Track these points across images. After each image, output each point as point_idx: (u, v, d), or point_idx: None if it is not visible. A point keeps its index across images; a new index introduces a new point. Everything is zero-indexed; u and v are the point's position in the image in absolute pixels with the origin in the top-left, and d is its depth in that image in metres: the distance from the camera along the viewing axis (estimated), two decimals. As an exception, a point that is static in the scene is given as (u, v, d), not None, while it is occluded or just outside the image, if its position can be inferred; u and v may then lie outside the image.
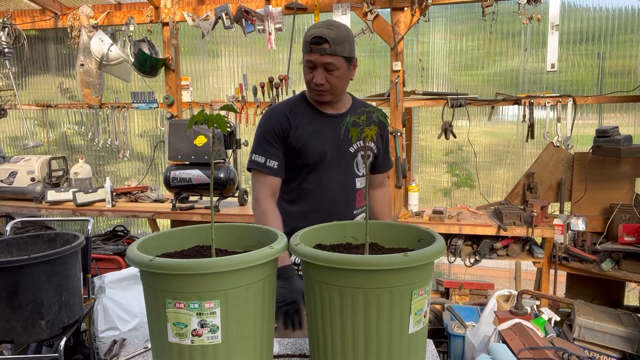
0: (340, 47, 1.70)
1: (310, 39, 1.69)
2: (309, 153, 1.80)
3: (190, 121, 1.01)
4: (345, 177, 1.87)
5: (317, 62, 1.71)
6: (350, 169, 1.87)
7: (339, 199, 1.86)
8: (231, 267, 0.97)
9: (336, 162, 1.83)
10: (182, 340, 0.99)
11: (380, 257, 1.01)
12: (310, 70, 1.74)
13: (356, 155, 1.87)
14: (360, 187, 1.90)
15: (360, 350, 1.03)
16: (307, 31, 1.73)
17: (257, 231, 1.26)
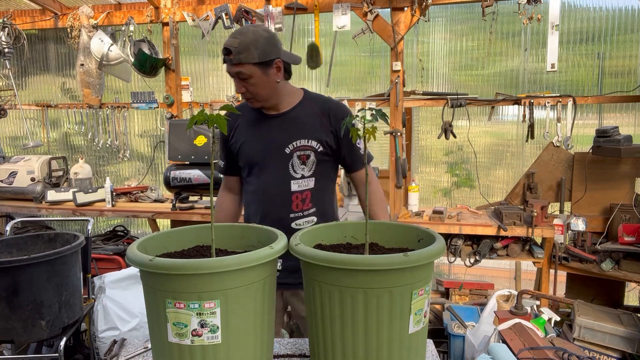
0: (244, 54, 1.66)
1: (222, 51, 1.70)
2: (245, 155, 1.84)
3: (190, 121, 1.01)
4: (279, 179, 1.80)
5: (230, 73, 1.73)
6: (285, 170, 1.80)
7: (273, 202, 1.81)
8: (231, 267, 0.97)
9: (271, 163, 1.80)
10: (182, 340, 0.99)
11: (380, 257, 1.01)
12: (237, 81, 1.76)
13: (292, 156, 1.79)
14: (298, 190, 1.80)
15: (360, 350, 1.03)
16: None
17: (257, 231, 1.26)
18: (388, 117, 1.48)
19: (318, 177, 1.83)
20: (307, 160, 1.79)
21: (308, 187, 1.81)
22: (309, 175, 1.81)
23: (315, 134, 1.79)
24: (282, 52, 1.76)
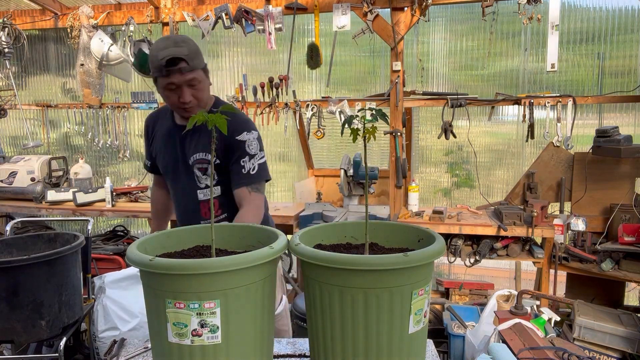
0: (196, 60, 1.70)
1: (164, 62, 1.63)
2: (160, 163, 1.95)
3: (190, 121, 1.01)
4: (188, 188, 1.88)
5: (179, 82, 1.67)
6: (191, 180, 1.86)
7: (185, 209, 1.95)
8: (231, 267, 0.97)
9: (181, 172, 1.88)
10: (182, 340, 0.99)
11: (380, 257, 1.01)
12: (172, 92, 1.70)
13: (194, 166, 1.83)
14: (204, 199, 1.86)
15: (360, 350, 1.03)
16: (156, 54, 1.65)
17: (257, 231, 1.26)
18: (388, 117, 1.48)
19: (225, 186, 1.83)
20: (207, 172, 1.83)
21: (216, 195, 1.86)
22: (216, 184, 1.84)
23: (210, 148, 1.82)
24: None
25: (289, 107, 3.62)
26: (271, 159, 4.50)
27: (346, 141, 4.24)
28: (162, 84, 1.70)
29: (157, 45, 1.69)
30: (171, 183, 1.96)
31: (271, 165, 4.51)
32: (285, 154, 4.46)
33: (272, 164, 4.51)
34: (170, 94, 1.71)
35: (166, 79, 1.67)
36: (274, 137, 4.40)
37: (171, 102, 1.74)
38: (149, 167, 2.08)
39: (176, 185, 1.94)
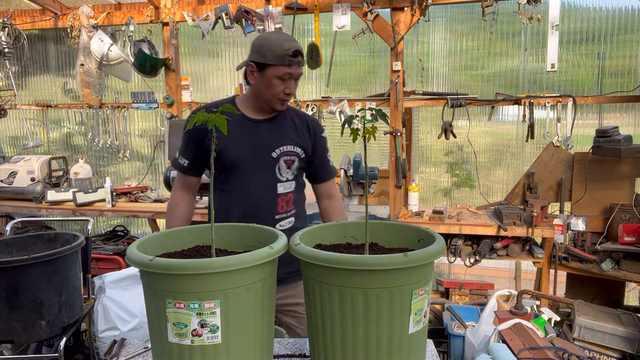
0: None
1: (291, 52, 1.72)
2: (227, 157, 1.84)
3: (190, 121, 1.01)
4: (265, 181, 1.87)
5: (294, 74, 1.77)
6: (271, 173, 1.87)
7: (259, 203, 1.87)
8: (231, 267, 0.97)
9: (256, 166, 1.85)
10: (182, 340, 0.99)
11: (380, 257, 1.01)
12: (282, 82, 1.76)
13: (278, 160, 1.86)
14: (283, 193, 1.89)
15: (360, 350, 1.03)
16: (279, 44, 1.73)
17: (257, 231, 1.26)
18: (388, 117, 1.48)
19: (298, 181, 1.94)
20: (292, 165, 1.88)
21: (291, 190, 1.91)
22: (292, 179, 1.91)
23: (299, 142, 1.90)
24: None
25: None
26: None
27: (346, 141, 4.24)
28: (278, 73, 1.74)
29: (276, 36, 1.78)
30: (240, 177, 1.87)
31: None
32: (285, 154, 4.45)
33: (272, 164, 4.51)
34: (280, 83, 1.77)
35: (286, 69, 1.74)
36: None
37: (275, 91, 1.79)
38: (186, 166, 1.90)
39: (248, 178, 1.86)
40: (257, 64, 1.77)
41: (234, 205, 1.87)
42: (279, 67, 1.74)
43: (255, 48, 1.77)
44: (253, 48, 1.79)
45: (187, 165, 1.90)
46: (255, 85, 1.82)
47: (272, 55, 1.73)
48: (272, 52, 1.73)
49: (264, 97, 1.82)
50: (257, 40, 1.79)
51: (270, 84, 1.77)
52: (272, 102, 1.83)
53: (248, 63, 1.81)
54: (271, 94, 1.80)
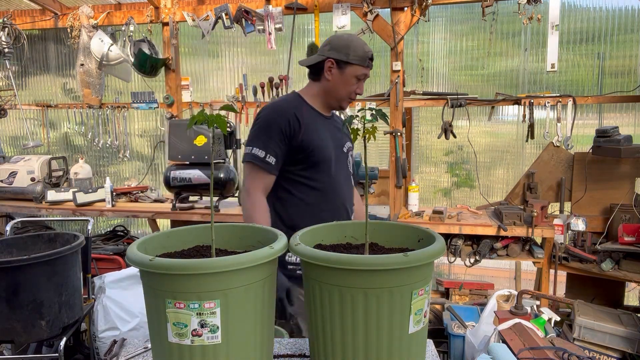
0: None
1: (370, 55, 1.85)
2: (320, 153, 1.84)
3: (190, 121, 1.01)
4: (347, 176, 1.96)
5: (367, 76, 1.90)
6: (347, 167, 1.97)
7: (344, 197, 1.93)
8: (231, 267, 0.97)
9: (339, 161, 1.91)
10: (182, 340, 0.99)
11: (380, 257, 1.01)
12: (358, 82, 1.87)
13: (347, 155, 1.98)
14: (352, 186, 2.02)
15: (360, 350, 1.03)
16: (361, 46, 1.84)
17: (257, 231, 1.26)
18: (388, 117, 1.49)
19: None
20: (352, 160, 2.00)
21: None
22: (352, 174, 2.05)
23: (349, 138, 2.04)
24: None
25: (289, 107, 3.61)
26: (271, 159, 4.49)
27: (346, 141, 4.23)
28: (357, 72, 1.84)
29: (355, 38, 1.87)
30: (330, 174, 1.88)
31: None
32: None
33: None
34: (355, 83, 1.87)
35: (365, 70, 1.85)
36: (274, 137, 4.40)
37: (348, 90, 1.88)
38: (273, 165, 1.81)
39: (337, 175, 1.90)
40: (337, 61, 1.83)
41: (326, 201, 1.87)
42: (359, 67, 1.83)
43: (336, 46, 1.84)
44: (333, 46, 1.85)
45: (274, 163, 1.81)
46: (330, 82, 1.87)
47: (355, 55, 1.82)
48: (355, 52, 1.82)
49: (337, 95, 1.89)
50: (338, 40, 1.86)
51: (347, 82, 1.85)
52: (343, 100, 1.92)
53: (327, 59, 1.86)
54: (345, 92, 1.88)
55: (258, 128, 1.83)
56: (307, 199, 1.86)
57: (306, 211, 1.85)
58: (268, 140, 1.79)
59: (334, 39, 1.88)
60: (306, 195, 1.85)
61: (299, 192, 1.86)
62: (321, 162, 1.85)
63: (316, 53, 3.61)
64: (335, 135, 1.93)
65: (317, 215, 1.83)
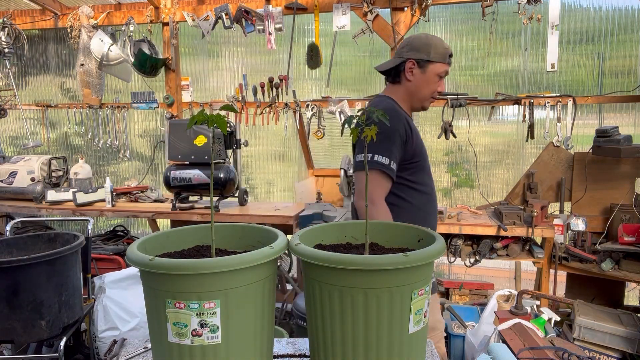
0: None
1: (450, 52, 1.86)
2: (424, 157, 1.90)
3: (190, 121, 1.01)
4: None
5: (448, 72, 1.91)
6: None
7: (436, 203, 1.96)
8: (231, 267, 0.97)
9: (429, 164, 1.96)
10: (182, 340, 0.99)
11: (380, 257, 1.01)
12: (439, 80, 1.88)
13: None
14: None
15: (360, 350, 1.03)
16: (442, 44, 1.85)
17: (257, 231, 1.26)
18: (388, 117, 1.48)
19: None
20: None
21: None
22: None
23: None
24: None
25: (289, 107, 3.62)
26: (271, 159, 4.50)
27: (346, 141, 4.24)
28: (439, 70, 1.86)
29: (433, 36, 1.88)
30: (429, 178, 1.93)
31: (271, 165, 4.51)
32: (285, 154, 4.46)
33: (272, 164, 4.51)
34: (437, 81, 1.88)
35: (446, 67, 1.87)
36: (274, 137, 4.40)
37: (431, 89, 1.89)
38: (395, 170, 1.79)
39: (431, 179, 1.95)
40: (418, 61, 1.85)
41: (431, 204, 1.91)
42: (441, 65, 1.85)
43: (416, 46, 1.86)
44: (412, 47, 1.87)
45: (395, 170, 1.80)
46: (412, 83, 1.89)
47: (437, 53, 1.83)
48: (436, 50, 1.83)
49: (420, 95, 1.90)
50: (417, 40, 1.87)
51: (430, 81, 1.87)
52: (426, 100, 1.92)
53: (407, 60, 1.87)
54: (428, 91, 1.89)
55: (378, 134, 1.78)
56: (417, 203, 1.87)
57: (417, 216, 1.85)
58: (391, 147, 1.78)
59: (412, 40, 1.89)
60: (415, 200, 1.86)
61: (409, 196, 1.86)
62: (426, 166, 1.90)
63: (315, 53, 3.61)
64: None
65: (425, 219, 1.86)
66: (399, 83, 1.92)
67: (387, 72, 1.97)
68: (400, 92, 1.93)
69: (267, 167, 4.53)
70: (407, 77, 1.88)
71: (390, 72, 1.95)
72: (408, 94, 1.91)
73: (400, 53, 1.91)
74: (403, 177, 1.84)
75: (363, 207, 1.75)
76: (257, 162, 4.53)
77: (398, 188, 1.83)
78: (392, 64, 1.93)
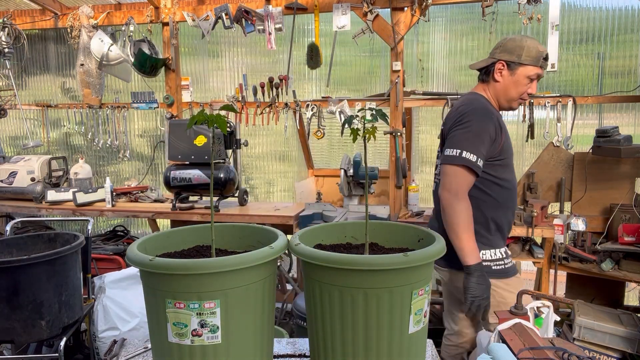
0: None
1: (545, 55, 1.88)
2: (511, 154, 1.96)
3: (190, 121, 1.01)
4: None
5: (541, 75, 1.93)
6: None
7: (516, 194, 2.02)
8: (231, 267, 0.97)
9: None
10: (182, 340, 0.99)
11: (380, 257, 1.01)
12: (530, 82, 1.90)
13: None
14: None
15: (360, 350, 1.03)
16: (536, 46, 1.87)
17: (257, 231, 1.26)
18: (388, 117, 1.49)
19: None
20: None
21: None
22: None
23: None
24: None
25: (289, 107, 3.62)
26: (271, 158, 4.50)
27: (346, 141, 4.23)
28: (529, 73, 1.89)
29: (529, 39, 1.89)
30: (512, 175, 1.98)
31: (271, 165, 4.51)
32: (285, 154, 4.46)
33: (272, 164, 4.52)
34: (527, 83, 1.90)
35: (538, 70, 1.89)
36: (274, 137, 4.40)
37: (519, 91, 1.92)
38: (481, 168, 1.86)
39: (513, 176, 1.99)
40: (508, 62, 1.89)
41: (512, 199, 1.98)
42: (532, 68, 1.88)
43: (509, 48, 1.90)
44: (505, 48, 1.91)
45: (482, 167, 1.87)
46: (500, 84, 1.93)
47: (528, 56, 1.86)
48: (528, 52, 1.86)
49: (508, 96, 1.94)
50: (511, 42, 1.91)
51: (518, 83, 1.90)
52: (514, 101, 1.95)
53: (497, 61, 1.91)
54: (516, 93, 1.92)
55: (469, 131, 1.86)
56: (499, 198, 1.94)
57: (499, 210, 1.95)
58: (480, 145, 1.84)
59: (506, 41, 1.92)
60: (498, 195, 1.93)
61: (493, 191, 1.93)
62: (510, 163, 1.96)
63: (315, 53, 3.61)
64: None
65: (507, 214, 1.97)
66: (488, 82, 1.98)
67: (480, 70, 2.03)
68: (490, 91, 1.98)
69: (267, 167, 4.53)
70: (496, 77, 1.93)
71: (482, 71, 2.01)
72: (496, 94, 1.96)
73: (493, 53, 1.96)
74: (488, 173, 1.90)
75: (445, 197, 1.85)
76: (257, 162, 4.53)
77: (483, 183, 1.91)
78: (484, 64, 1.98)
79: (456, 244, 1.82)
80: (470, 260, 1.81)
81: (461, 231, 1.81)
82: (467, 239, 1.81)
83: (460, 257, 1.83)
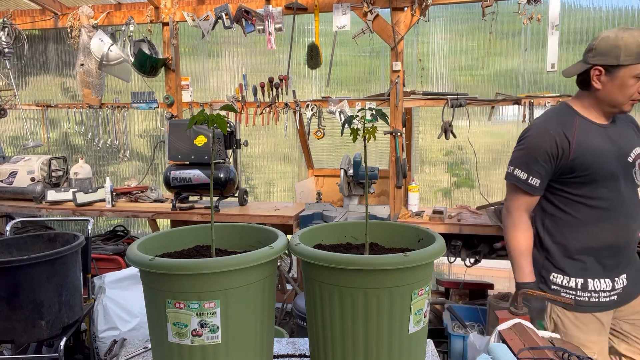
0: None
1: None
2: (598, 171, 1.74)
3: (190, 121, 1.01)
4: (631, 189, 1.80)
5: None
6: (632, 179, 1.80)
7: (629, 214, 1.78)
8: (231, 267, 0.97)
9: (620, 174, 1.76)
10: (182, 340, 0.99)
11: (380, 257, 1.01)
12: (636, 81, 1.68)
13: (634, 164, 1.80)
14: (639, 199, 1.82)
15: (360, 350, 1.03)
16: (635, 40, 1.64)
17: (257, 231, 1.26)
18: (388, 117, 1.48)
19: None
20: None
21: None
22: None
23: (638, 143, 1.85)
24: None
25: (289, 107, 3.62)
26: (272, 159, 4.50)
27: (346, 141, 4.23)
28: (634, 72, 1.66)
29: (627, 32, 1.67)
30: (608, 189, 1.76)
31: (272, 165, 4.51)
32: (285, 154, 4.46)
33: (272, 164, 4.52)
34: (635, 83, 1.68)
35: None
36: (274, 137, 4.41)
37: (626, 94, 1.70)
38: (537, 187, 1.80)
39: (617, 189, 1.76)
40: (606, 67, 1.69)
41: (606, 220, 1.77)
42: (635, 67, 1.66)
43: (602, 50, 1.69)
44: (599, 51, 1.71)
45: (538, 185, 1.80)
46: (601, 91, 1.74)
47: (628, 55, 1.65)
48: (627, 51, 1.65)
49: (615, 101, 1.73)
50: (605, 42, 1.70)
51: (623, 86, 1.69)
52: (622, 105, 1.74)
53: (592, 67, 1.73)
54: (623, 97, 1.71)
55: (522, 149, 1.81)
56: (584, 218, 1.78)
57: (581, 231, 1.80)
58: (532, 163, 1.77)
59: (598, 42, 1.71)
60: (582, 215, 1.78)
61: (575, 211, 1.80)
62: (600, 179, 1.74)
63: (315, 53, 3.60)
64: (617, 143, 1.78)
65: (596, 235, 1.78)
66: (587, 90, 1.78)
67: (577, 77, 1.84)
68: (588, 99, 1.79)
69: (267, 167, 4.53)
70: (595, 85, 1.73)
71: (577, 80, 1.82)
72: (597, 101, 1.77)
73: (586, 58, 1.76)
74: (566, 191, 1.79)
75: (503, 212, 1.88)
76: (257, 162, 4.53)
77: (562, 201, 1.81)
78: (577, 70, 1.79)
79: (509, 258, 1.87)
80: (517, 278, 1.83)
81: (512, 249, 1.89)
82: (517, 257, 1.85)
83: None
